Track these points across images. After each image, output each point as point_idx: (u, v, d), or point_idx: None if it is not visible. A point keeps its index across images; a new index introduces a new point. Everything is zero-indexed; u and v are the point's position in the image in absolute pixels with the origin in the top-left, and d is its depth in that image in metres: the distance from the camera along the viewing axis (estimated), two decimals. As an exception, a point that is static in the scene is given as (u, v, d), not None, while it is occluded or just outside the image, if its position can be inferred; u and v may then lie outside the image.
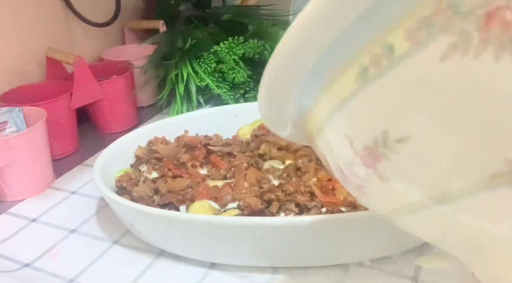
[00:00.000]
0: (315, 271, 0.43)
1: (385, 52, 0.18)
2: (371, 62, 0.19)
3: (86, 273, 0.46)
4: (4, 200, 0.60)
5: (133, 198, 0.49)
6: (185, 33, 0.79)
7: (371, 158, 0.20)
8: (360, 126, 0.20)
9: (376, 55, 0.18)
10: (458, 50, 0.16)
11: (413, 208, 0.20)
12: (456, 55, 0.16)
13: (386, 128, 0.19)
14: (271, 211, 0.46)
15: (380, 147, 0.19)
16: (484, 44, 0.15)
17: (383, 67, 0.18)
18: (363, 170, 0.21)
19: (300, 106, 0.24)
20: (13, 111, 0.61)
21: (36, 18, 0.76)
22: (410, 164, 0.19)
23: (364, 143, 0.20)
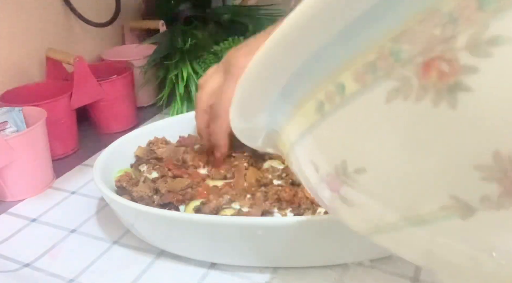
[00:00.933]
0: (315, 271, 0.43)
1: (337, 90, 0.19)
2: (326, 97, 0.20)
3: (86, 273, 0.46)
4: (4, 200, 0.60)
5: (133, 198, 0.49)
6: (185, 33, 0.79)
7: (334, 184, 0.21)
8: (322, 154, 0.21)
9: (330, 92, 0.19)
10: (401, 94, 0.17)
11: (380, 229, 0.21)
12: (399, 98, 0.17)
13: (344, 159, 0.20)
14: (271, 211, 0.46)
15: (341, 175, 0.20)
16: (424, 90, 0.16)
17: (336, 104, 0.19)
18: (330, 194, 0.22)
19: (272, 123, 0.24)
20: (13, 111, 0.61)
21: (36, 18, 0.76)
22: (369, 192, 0.20)
23: (327, 170, 0.21)
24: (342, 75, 0.19)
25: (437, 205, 0.18)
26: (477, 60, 0.15)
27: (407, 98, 0.17)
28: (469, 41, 0.15)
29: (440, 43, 0.16)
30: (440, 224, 0.18)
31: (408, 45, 0.17)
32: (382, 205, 0.20)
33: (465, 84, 0.15)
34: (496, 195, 0.16)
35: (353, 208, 0.21)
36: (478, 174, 0.16)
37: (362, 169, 0.19)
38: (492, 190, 0.16)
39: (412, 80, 0.16)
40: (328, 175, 0.21)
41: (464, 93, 0.16)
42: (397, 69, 0.17)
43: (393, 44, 0.17)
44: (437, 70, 0.16)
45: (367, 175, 0.19)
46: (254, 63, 0.21)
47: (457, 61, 0.16)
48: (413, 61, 0.16)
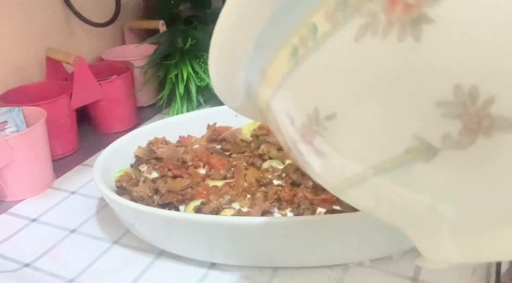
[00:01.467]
0: (315, 271, 0.43)
1: (310, 33, 0.19)
2: (300, 42, 0.20)
3: (86, 273, 0.46)
4: (4, 200, 0.60)
5: (133, 198, 0.49)
6: (185, 33, 0.79)
7: (308, 135, 0.21)
8: (296, 104, 0.21)
9: (303, 36, 0.19)
10: (369, 30, 0.17)
11: (351, 182, 0.21)
12: (368, 36, 0.17)
13: (316, 106, 0.20)
14: (271, 211, 0.46)
15: (314, 125, 0.20)
16: (390, 25, 0.16)
17: (309, 47, 0.19)
18: (304, 147, 0.22)
19: (250, 80, 0.24)
20: (13, 111, 0.61)
21: (36, 18, 0.76)
22: (339, 139, 0.20)
23: (301, 121, 0.21)
24: (314, 16, 0.18)
25: (402, 147, 0.18)
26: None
27: (374, 34, 0.17)
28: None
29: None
30: (405, 169, 0.18)
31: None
32: (352, 153, 0.20)
33: (428, 15, 0.15)
34: (457, 133, 0.16)
35: (325, 160, 0.21)
36: (440, 110, 0.16)
37: (332, 115, 0.19)
38: (452, 127, 0.16)
39: (379, 15, 0.16)
40: (302, 126, 0.21)
41: (428, 25, 0.15)
42: (365, 4, 0.17)
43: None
44: (403, 3, 0.16)
45: (338, 120, 0.19)
46: (225, 16, 0.20)
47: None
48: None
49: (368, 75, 0.17)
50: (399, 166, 0.18)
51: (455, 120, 0.16)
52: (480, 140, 0.16)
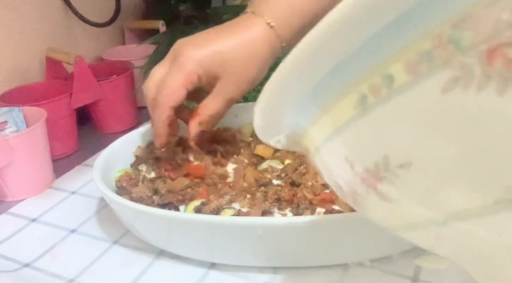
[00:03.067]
0: (315, 271, 0.43)
1: (384, 82, 0.18)
2: (370, 90, 0.19)
3: (86, 273, 0.46)
4: (4, 200, 0.60)
5: (132, 198, 0.49)
6: (185, 33, 0.78)
7: (372, 180, 0.21)
8: (360, 151, 0.21)
9: (375, 84, 0.19)
10: (460, 83, 0.16)
11: (415, 225, 0.20)
12: (458, 88, 0.16)
13: (386, 154, 0.19)
14: (271, 211, 0.46)
15: (382, 171, 0.20)
16: (487, 79, 0.15)
17: (383, 96, 0.19)
18: (364, 189, 0.22)
19: (297, 123, 0.24)
20: (13, 111, 0.61)
21: (36, 18, 0.76)
22: (412, 187, 0.19)
23: (365, 166, 0.21)
24: (392, 66, 0.18)
25: (491, 199, 0.17)
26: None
27: (467, 87, 0.16)
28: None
29: (507, 28, 0.15)
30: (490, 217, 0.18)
31: (472, 31, 0.16)
32: (426, 201, 0.19)
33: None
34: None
35: (391, 204, 0.21)
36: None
37: (407, 164, 0.19)
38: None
39: (474, 68, 0.16)
40: (366, 171, 0.21)
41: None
42: (457, 57, 0.16)
43: (453, 31, 0.16)
44: (504, 57, 0.15)
45: (413, 169, 0.19)
46: (287, 63, 0.20)
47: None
48: (476, 48, 0.16)
49: (457, 128, 0.17)
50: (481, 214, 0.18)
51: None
52: None
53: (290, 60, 0.20)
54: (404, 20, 0.17)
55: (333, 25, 0.18)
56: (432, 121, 0.17)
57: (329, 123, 0.22)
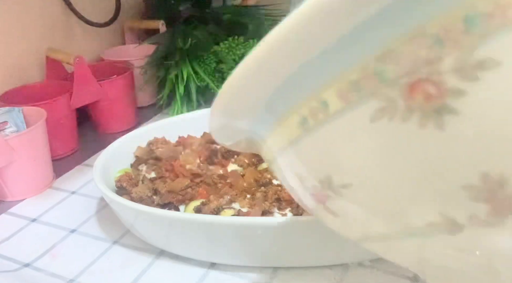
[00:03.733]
0: (315, 271, 0.43)
1: (321, 107, 0.19)
2: (310, 114, 0.19)
3: (86, 273, 0.46)
4: (4, 200, 0.60)
5: (132, 199, 0.49)
6: (185, 33, 0.79)
7: (320, 196, 0.21)
8: (306, 168, 0.21)
9: (313, 108, 0.19)
10: (386, 114, 0.17)
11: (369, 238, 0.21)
12: (385, 119, 0.17)
13: (329, 174, 0.20)
14: (271, 211, 0.46)
15: (327, 189, 0.20)
16: (410, 112, 0.16)
17: (320, 120, 0.19)
18: (315, 205, 0.22)
19: (254, 130, 0.24)
20: (13, 111, 0.61)
21: (36, 18, 0.76)
22: (354, 205, 0.20)
23: (312, 183, 0.21)
24: (325, 92, 0.18)
25: (424, 222, 0.18)
26: (464, 83, 0.15)
27: (392, 118, 0.17)
28: (455, 64, 0.15)
29: (426, 65, 0.15)
30: (428, 238, 0.18)
31: (393, 65, 0.16)
32: (369, 217, 0.20)
33: (452, 107, 0.15)
34: (484, 214, 0.16)
35: (340, 218, 0.21)
36: (466, 194, 0.16)
37: (348, 185, 0.19)
38: (480, 209, 0.16)
39: (398, 101, 0.16)
40: (313, 187, 0.21)
41: (451, 115, 0.15)
42: (381, 89, 0.17)
43: (377, 64, 0.16)
44: (423, 92, 0.16)
45: (354, 190, 0.19)
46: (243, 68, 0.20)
47: (444, 83, 0.15)
48: (398, 82, 0.16)
49: (387, 155, 0.17)
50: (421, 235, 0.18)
51: (483, 203, 0.16)
52: (510, 219, 0.16)
53: (241, 69, 0.20)
54: (334, 50, 0.17)
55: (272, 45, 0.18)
56: (365, 147, 0.18)
57: (280, 138, 0.22)
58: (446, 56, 0.15)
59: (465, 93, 0.15)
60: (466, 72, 0.15)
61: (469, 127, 0.15)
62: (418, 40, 0.15)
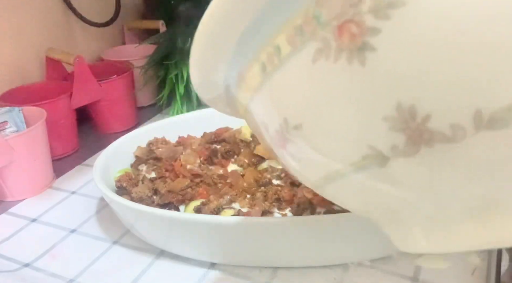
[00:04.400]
0: (315, 271, 0.43)
1: (275, 52, 0.21)
2: (267, 59, 0.22)
3: (86, 273, 0.46)
4: (4, 200, 0.60)
5: (132, 199, 0.49)
6: (185, 33, 0.79)
7: (281, 141, 0.23)
8: (268, 114, 0.23)
9: (270, 54, 0.21)
10: (323, 54, 0.19)
11: (329, 178, 0.23)
12: (322, 59, 0.19)
13: (285, 117, 0.22)
14: (271, 211, 0.46)
15: (285, 133, 0.22)
16: (340, 51, 0.18)
17: (275, 65, 0.21)
18: (280, 151, 0.24)
19: (229, 82, 0.26)
20: (13, 111, 0.61)
21: (36, 18, 0.76)
22: (307, 146, 0.22)
23: (274, 128, 0.23)
24: (278, 38, 0.21)
25: (359, 155, 0.20)
26: (379, 22, 0.17)
27: (328, 58, 0.19)
28: (372, 5, 0.17)
29: (350, 7, 0.18)
30: (365, 172, 0.20)
31: (326, 9, 0.18)
32: (319, 156, 0.22)
33: (370, 44, 0.17)
34: (403, 144, 0.18)
35: (300, 162, 0.23)
36: (386, 124, 0.18)
37: (299, 125, 0.21)
38: (398, 139, 0.18)
39: (331, 41, 0.18)
40: (275, 132, 0.23)
41: (370, 52, 0.17)
42: (319, 32, 0.19)
43: (315, 8, 0.19)
44: (349, 32, 0.18)
45: (304, 130, 0.21)
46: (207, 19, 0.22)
47: (364, 23, 0.17)
48: (330, 24, 0.18)
49: (325, 92, 0.19)
50: (361, 169, 0.20)
51: (400, 133, 0.18)
52: (423, 149, 0.18)
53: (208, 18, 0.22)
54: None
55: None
56: (309, 87, 0.20)
57: (248, 86, 0.24)
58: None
59: (380, 31, 0.17)
60: (380, 12, 0.17)
61: (384, 61, 0.17)
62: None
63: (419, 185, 0.20)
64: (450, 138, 0.17)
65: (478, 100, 0.16)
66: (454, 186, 0.19)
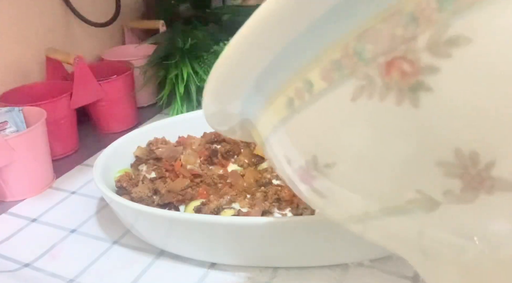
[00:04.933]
0: (315, 271, 0.43)
1: (306, 87, 0.19)
2: (296, 94, 0.20)
3: (86, 273, 0.46)
4: (4, 200, 0.60)
5: (132, 199, 0.49)
6: (185, 33, 0.79)
7: (306, 177, 0.22)
8: (293, 149, 0.22)
9: (299, 89, 0.20)
10: (365, 92, 0.17)
11: (354, 218, 0.21)
12: (364, 97, 0.17)
13: (314, 154, 0.20)
14: (271, 211, 0.46)
15: (312, 170, 0.21)
16: (387, 89, 0.17)
17: (306, 100, 0.20)
18: (303, 186, 0.23)
19: (246, 112, 0.24)
20: (13, 111, 0.61)
21: (36, 18, 0.76)
22: (339, 185, 0.20)
23: (299, 164, 0.22)
24: (310, 73, 0.19)
25: (403, 200, 0.18)
26: (437, 60, 0.15)
27: (371, 96, 0.17)
28: (429, 42, 0.15)
29: (401, 43, 0.16)
30: (408, 216, 0.19)
31: (371, 44, 0.17)
32: (352, 196, 0.20)
33: (426, 84, 0.16)
34: (458, 190, 0.17)
35: (325, 199, 0.22)
36: (441, 170, 0.17)
37: (332, 164, 0.20)
38: (454, 185, 0.17)
39: (376, 79, 0.17)
40: (300, 168, 0.22)
41: (426, 92, 0.16)
42: (361, 68, 0.17)
43: (356, 43, 0.17)
44: (399, 70, 0.16)
45: (337, 169, 0.20)
46: (229, 51, 0.21)
47: (418, 61, 0.16)
48: (376, 61, 0.17)
49: (367, 132, 0.18)
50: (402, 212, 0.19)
51: (456, 179, 0.17)
52: (482, 197, 0.17)
53: (230, 50, 0.21)
54: (317, 28, 0.18)
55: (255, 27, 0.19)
56: (347, 126, 0.19)
57: (270, 119, 0.23)
58: (420, 34, 0.16)
59: (438, 70, 0.15)
60: (439, 49, 0.15)
61: (442, 103, 0.16)
62: (394, 18, 0.16)
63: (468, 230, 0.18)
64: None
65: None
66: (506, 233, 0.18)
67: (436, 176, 0.17)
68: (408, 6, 0.16)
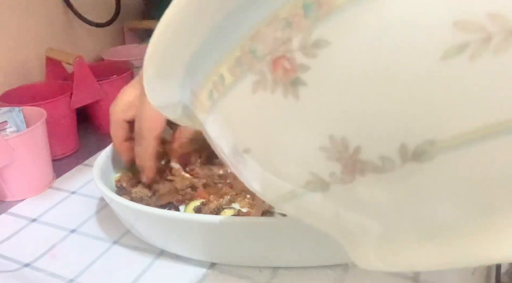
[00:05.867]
0: (315, 271, 0.43)
1: (220, 80, 0.22)
2: (214, 86, 0.22)
3: (86, 273, 0.46)
4: (4, 200, 0.60)
5: (132, 199, 0.49)
6: (185, 33, 0.78)
7: (236, 162, 0.24)
8: (220, 137, 0.24)
9: (215, 82, 0.22)
10: (261, 86, 0.20)
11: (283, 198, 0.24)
12: (260, 90, 0.20)
13: (234, 141, 0.23)
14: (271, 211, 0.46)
15: (236, 156, 0.23)
16: (275, 84, 0.19)
17: (221, 92, 0.22)
18: (237, 171, 0.25)
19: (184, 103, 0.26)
20: (13, 111, 0.61)
21: (36, 18, 0.76)
22: (260, 168, 0.23)
23: (227, 151, 0.24)
24: (221, 67, 0.21)
25: (304, 180, 0.21)
26: (307, 60, 0.18)
27: (265, 89, 0.20)
28: (300, 44, 0.18)
29: (281, 44, 0.19)
30: (314, 194, 0.21)
31: (261, 44, 0.19)
32: (271, 177, 0.23)
33: (302, 79, 0.18)
34: (339, 172, 0.19)
35: (256, 181, 0.24)
36: (323, 154, 0.19)
37: (248, 149, 0.22)
38: (336, 168, 0.19)
39: (267, 74, 0.19)
40: (229, 154, 0.24)
41: (302, 87, 0.18)
42: (256, 65, 0.20)
43: (251, 43, 0.20)
44: (282, 67, 0.19)
45: (253, 154, 0.22)
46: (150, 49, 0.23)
47: (294, 60, 0.18)
48: (265, 59, 0.19)
49: (266, 121, 0.20)
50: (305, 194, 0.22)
51: (336, 162, 0.19)
52: (358, 178, 0.19)
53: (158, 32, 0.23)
54: (221, 29, 0.20)
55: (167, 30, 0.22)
56: (251, 115, 0.21)
57: (200, 109, 0.25)
58: (293, 36, 0.18)
59: (309, 68, 0.18)
60: (307, 50, 0.18)
61: (315, 96, 0.18)
62: (274, 23, 0.19)
63: (360, 209, 0.21)
64: (381, 168, 0.18)
65: (401, 135, 0.17)
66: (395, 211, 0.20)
67: (321, 159, 0.19)
68: (283, 13, 0.18)
